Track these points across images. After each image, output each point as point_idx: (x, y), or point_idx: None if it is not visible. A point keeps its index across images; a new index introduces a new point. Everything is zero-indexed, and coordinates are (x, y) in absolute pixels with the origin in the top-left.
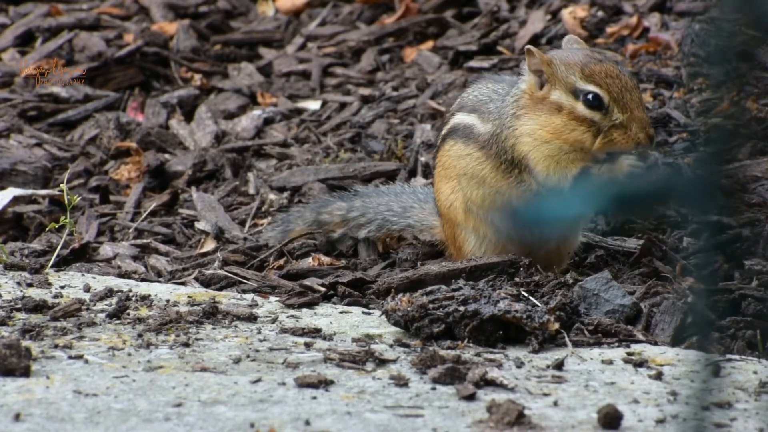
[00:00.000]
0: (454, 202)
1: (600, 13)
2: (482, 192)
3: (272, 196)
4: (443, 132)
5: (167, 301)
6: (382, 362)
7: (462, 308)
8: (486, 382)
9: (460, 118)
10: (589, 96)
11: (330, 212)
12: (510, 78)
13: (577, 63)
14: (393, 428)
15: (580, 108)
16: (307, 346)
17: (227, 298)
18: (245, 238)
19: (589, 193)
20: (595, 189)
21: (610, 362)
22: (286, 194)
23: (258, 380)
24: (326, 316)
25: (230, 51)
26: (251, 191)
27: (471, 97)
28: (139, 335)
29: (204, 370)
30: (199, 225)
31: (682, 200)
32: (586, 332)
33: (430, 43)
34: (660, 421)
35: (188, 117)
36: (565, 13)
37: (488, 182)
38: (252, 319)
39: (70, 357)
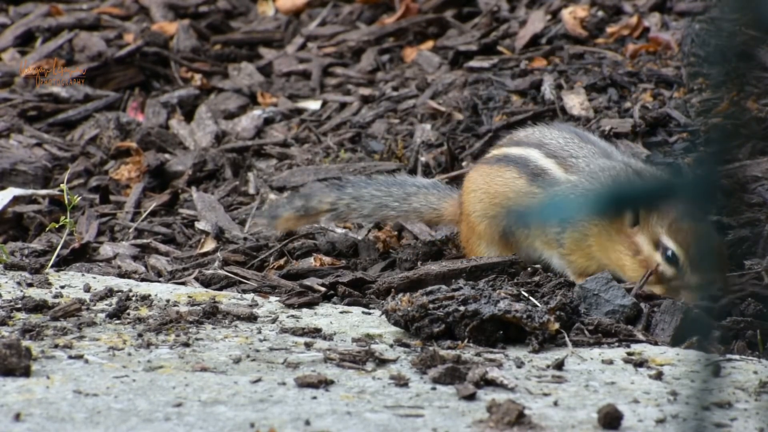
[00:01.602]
0: (491, 223)
1: (600, 13)
2: (526, 232)
3: (272, 196)
4: (500, 153)
5: (167, 301)
6: (382, 362)
7: (462, 308)
8: (486, 382)
9: (535, 156)
10: (669, 252)
11: (320, 199)
12: (599, 141)
13: (668, 216)
14: (393, 428)
15: (657, 258)
16: (307, 346)
17: (227, 298)
18: (245, 238)
19: (589, 197)
20: (595, 193)
21: (611, 362)
22: (286, 194)
23: (258, 380)
24: (326, 316)
25: (230, 51)
26: (251, 191)
27: (554, 142)
28: (139, 335)
29: (204, 370)
30: (199, 225)
31: (682, 201)
32: (586, 332)
33: (430, 43)
34: (660, 421)
35: (188, 117)
36: (565, 13)
37: (533, 229)
38: (252, 319)
39: (70, 357)
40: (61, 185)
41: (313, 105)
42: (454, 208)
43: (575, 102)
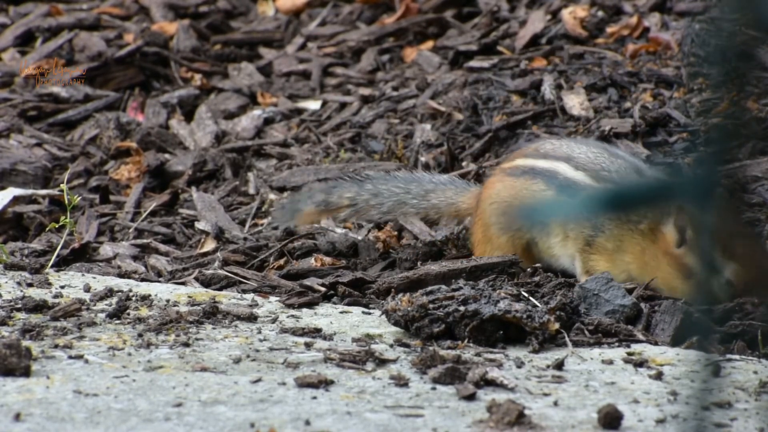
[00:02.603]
0: (514, 236)
1: (600, 13)
2: (549, 242)
3: (272, 196)
4: (526, 165)
5: (167, 301)
6: (382, 362)
7: (462, 308)
8: (486, 382)
9: (564, 169)
10: (724, 279)
11: (340, 194)
12: (628, 156)
13: (722, 238)
14: (393, 428)
15: (713, 284)
16: (307, 346)
17: (227, 298)
18: (245, 238)
19: (587, 196)
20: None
21: (611, 362)
22: (286, 194)
23: (258, 380)
24: (326, 316)
25: (230, 51)
26: (251, 191)
27: (584, 156)
28: (139, 335)
29: (204, 370)
30: (199, 225)
31: (682, 201)
32: (586, 332)
33: (430, 43)
34: (660, 421)
35: (188, 117)
36: (565, 13)
37: (559, 241)
38: (252, 319)
39: (70, 357)
40: (61, 185)
41: (313, 105)
42: (471, 202)
43: (575, 102)
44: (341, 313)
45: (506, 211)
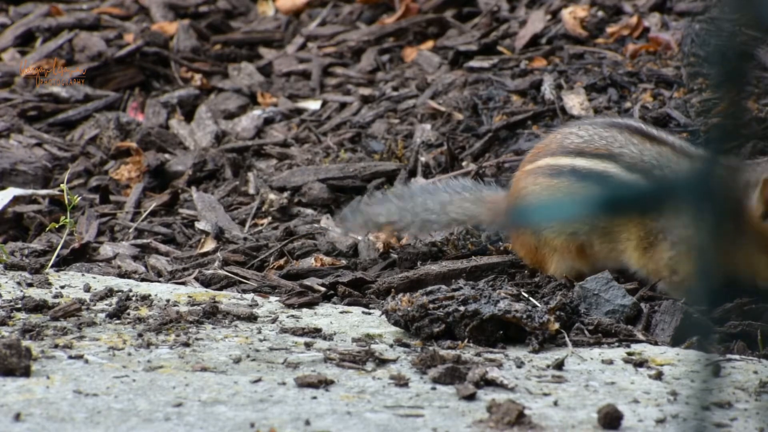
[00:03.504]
0: (569, 238)
1: (600, 13)
2: (614, 245)
3: (272, 196)
4: (565, 164)
5: (167, 301)
6: (382, 362)
7: (462, 308)
8: (486, 382)
9: (614, 171)
10: None
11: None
12: (668, 137)
13: None
14: (393, 428)
15: None
16: (307, 346)
17: (227, 298)
18: (245, 238)
19: (587, 198)
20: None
21: (610, 362)
22: (286, 194)
23: (258, 380)
24: (326, 316)
25: (230, 51)
26: (251, 191)
27: (628, 152)
28: (139, 335)
29: (204, 369)
30: (199, 225)
31: (682, 201)
32: (586, 332)
33: (430, 43)
34: (660, 421)
35: (188, 117)
36: (565, 13)
37: (616, 240)
38: (252, 319)
39: (70, 357)
40: (61, 185)
41: (313, 105)
42: (490, 213)
43: (575, 102)
44: (341, 313)
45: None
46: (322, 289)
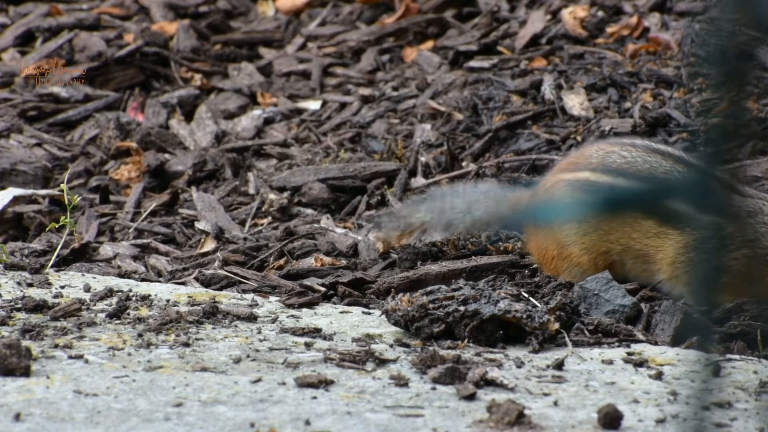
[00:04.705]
0: (599, 257)
1: (600, 13)
2: (643, 266)
3: (272, 196)
4: (597, 181)
5: (167, 301)
6: (382, 362)
7: (462, 308)
8: (486, 382)
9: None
10: None
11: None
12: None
13: None
14: (393, 428)
15: None
16: (307, 346)
17: (227, 298)
18: (245, 238)
19: (586, 196)
20: (593, 192)
21: (610, 362)
22: (286, 194)
23: (258, 380)
24: (326, 316)
25: (230, 51)
26: (251, 191)
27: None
28: (139, 335)
29: (204, 370)
30: (199, 225)
31: (682, 201)
32: (586, 332)
33: (430, 43)
34: (660, 421)
35: (188, 117)
36: (565, 13)
37: (651, 261)
38: (252, 319)
39: (70, 357)
40: (61, 185)
41: (313, 105)
42: (513, 208)
43: (575, 102)
44: (341, 313)
45: (589, 232)
46: (322, 289)
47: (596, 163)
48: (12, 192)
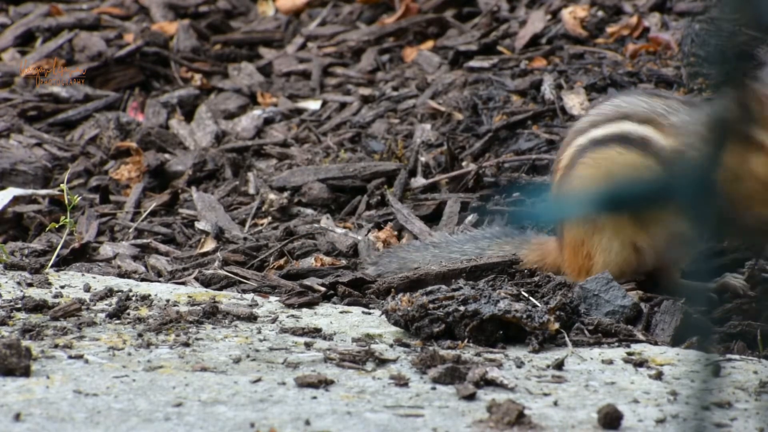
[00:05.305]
0: (631, 256)
1: (600, 13)
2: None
3: (272, 196)
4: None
5: (167, 300)
6: (382, 362)
7: (462, 308)
8: (486, 382)
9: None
10: None
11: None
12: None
13: None
14: (393, 428)
15: None
16: (307, 345)
17: (227, 298)
18: (245, 238)
19: (585, 195)
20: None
21: (610, 362)
22: (286, 194)
23: (258, 380)
24: (326, 316)
25: (230, 51)
26: (251, 191)
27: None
28: (139, 335)
29: (204, 369)
30: (199, 225)
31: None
32: (586, 332)
33: (430, 43)
34: (660, 421)
35: (188, 117)
36: (565, 13)
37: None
38: (252, 318)
39: (70, 357)
40: (61, 185)
41: (313, 105)
42: (536, 254)
43: (575, 102)
44: (341, 313)
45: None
46: (322, 289)
47: (612, 114)
48: (12, 192)
